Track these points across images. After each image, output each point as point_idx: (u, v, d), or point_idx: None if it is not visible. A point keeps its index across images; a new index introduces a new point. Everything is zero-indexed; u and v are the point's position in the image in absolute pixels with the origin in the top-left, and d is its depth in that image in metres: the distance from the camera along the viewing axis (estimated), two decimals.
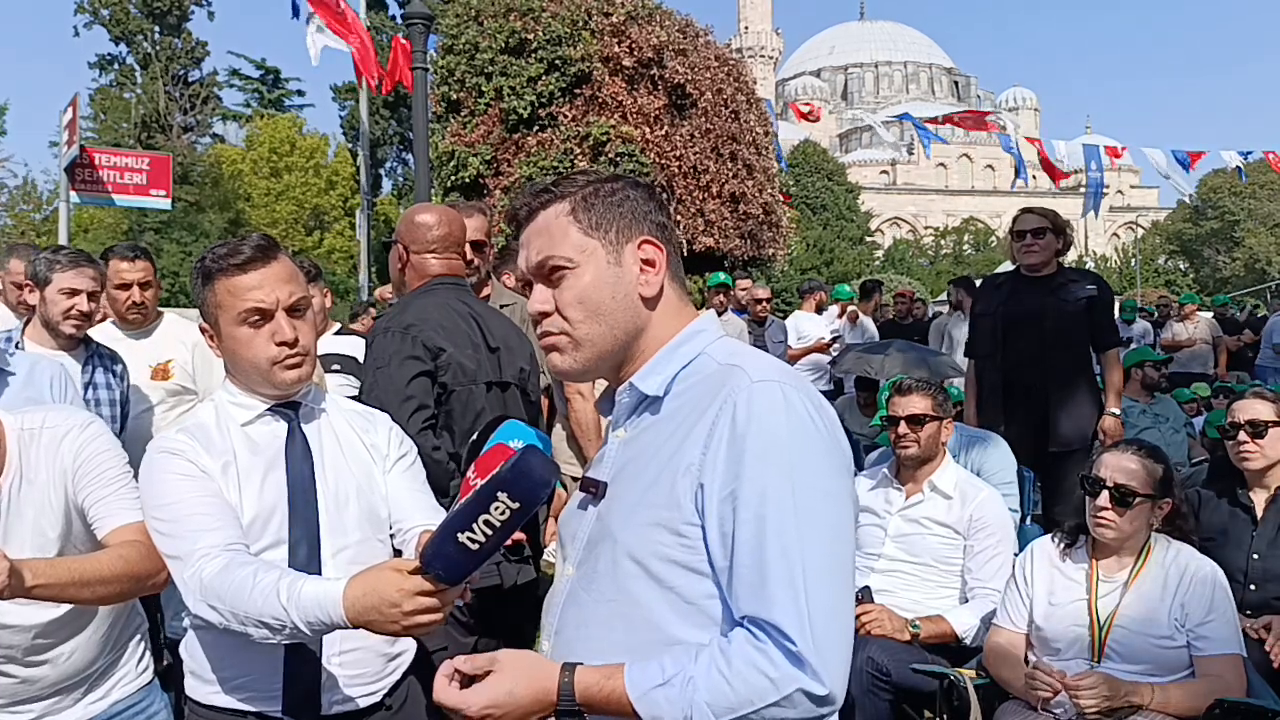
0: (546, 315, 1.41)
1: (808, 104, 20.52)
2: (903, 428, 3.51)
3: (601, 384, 1.51)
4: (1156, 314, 13.41)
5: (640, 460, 1.38)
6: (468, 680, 1.31)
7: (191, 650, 1.91)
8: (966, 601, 3.38)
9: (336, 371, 4.19)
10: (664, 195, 1.54)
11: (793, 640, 1.20)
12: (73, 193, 9.10)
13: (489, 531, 1.35)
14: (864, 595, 3.33)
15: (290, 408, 1.96)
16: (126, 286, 3.86)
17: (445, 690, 1.31)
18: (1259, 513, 3.28)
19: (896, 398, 3.59)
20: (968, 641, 3.26)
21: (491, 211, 4.56)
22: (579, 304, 1.39)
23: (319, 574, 1.81)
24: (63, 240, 9.40)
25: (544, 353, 1.46)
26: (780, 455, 1.26)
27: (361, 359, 4.29)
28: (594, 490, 1.44)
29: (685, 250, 13.01)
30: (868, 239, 50.75)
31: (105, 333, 3.92)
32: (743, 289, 8.98)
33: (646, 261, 1.41)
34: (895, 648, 3.16)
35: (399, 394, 2.65)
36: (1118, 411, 4.61)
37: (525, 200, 1.47)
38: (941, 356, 7.50)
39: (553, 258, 1.40)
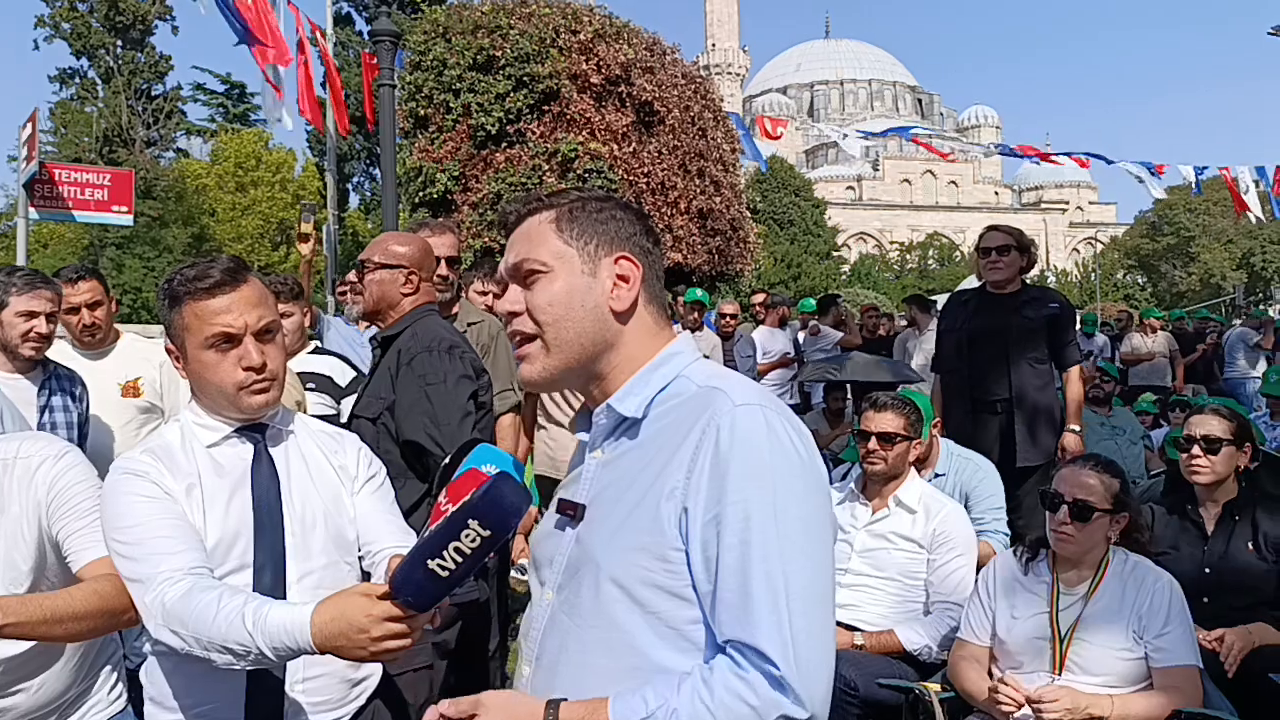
0: (516, 315, 1.43)
1: (774, 120, 20.64)
2: (873, 444, 3.53)
3: (578, 402, 1.52)
4: (1116, 328, 13.64)
5: (621, 483, 1.38)
6: None
7: (152, 677, 1.88)
8: (929, 615, 3.42)
9: (311, 390, 4.16)
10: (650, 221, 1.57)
11: (776, 665, 1.21)
12: (32, 209, 8.95)
13: (459, 559, 1.35)
14: None
15: (257, 430, 1.94)
16: (75, 310, 3.82)
17: None
18: (1209, 527, 3.35)
19: (870, 412, 3.61)
20: (921, 658, 3.30)
21: (459, 228, 4.62)
22: (548, 307, 1.40)
23: (284, 599, 1.79)
24: (20, 256, 9.22)
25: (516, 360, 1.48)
26: (764, 480, 1.27)
27: (337, 378, 4.29)
28: (571, 512, 1.43)
29: None
30: (834, 254, 51.14)
31: (61, 353, 3.87)
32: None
33: (621, 277, 1.42)
34: (863, 662, 3.20)
35: (461, 409, 2.78)
36: (1078, 428, 4.69)
37: (516, 208, 1.50)
38: (898, 362, 7.72)
39: (528, 260, 1.43)
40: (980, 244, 4.93)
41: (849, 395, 8.12)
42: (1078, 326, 10.23)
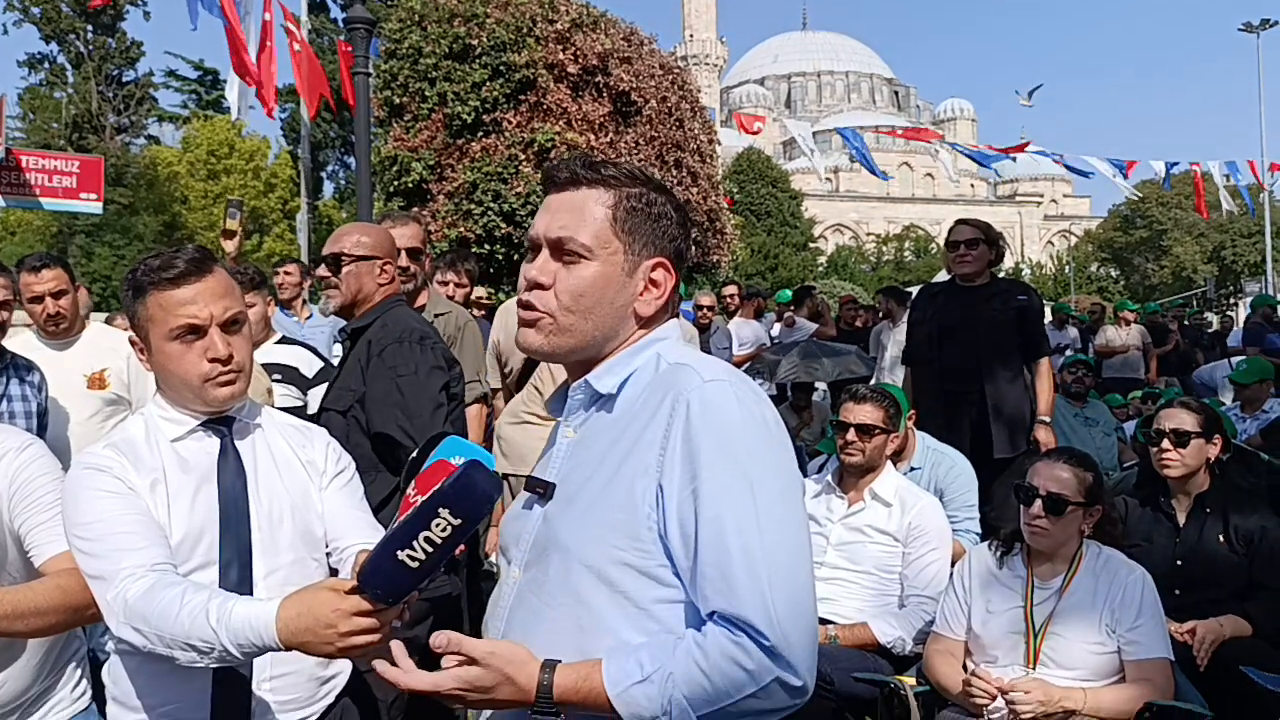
0: (540, 287, 1.40)
1: (750, 117, 20.68)
2: (851, 435, 3.53)
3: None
4: (1089, 321, 13.77)
5: (591, 462, 1.38)
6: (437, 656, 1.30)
7: (115, 676, 1.84)
8: (903, 609, 3.42)
9: (278, 381, 4.11)
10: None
11: (764, 635, 1.22)
12: None
13: (429, 549, 1.32)
14: None
15: (223, 423, 1.90)
16: (39, 299, 3.73)
17: (416, 677, 1.31)
18: (1181, 519, 3.38)
19: (850, 404, 3.60)
20: (895, 651, 3.30)
21: (435, 218, 4.59)
22: (579, 295, 1.38)
23: (250, 595, 1.75)
24: None
25: (520, 324, 1.44)
26: (736, 454, 1.28)
27: (304, 369, 4.24)
28: (541, 490, 1.42)
29: None
30: (811, 245, 51.26)
31: (25, 343, 3.79)
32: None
33: (654, 282, 1.42)
34: (838, 656, 3.19)
35: (433, 401, 2.76)
36: (1049, 420, 4.71)
37: (571, 167, 1.44)
38: (843, 356, 7.67)
39: (573, 241, 1.39)
40: (949, 238, 4.97)
41: (815, 390, 8.14)
42: (1048, 315, 10.26)
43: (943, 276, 5.55)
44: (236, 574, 1.81)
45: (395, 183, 13.59)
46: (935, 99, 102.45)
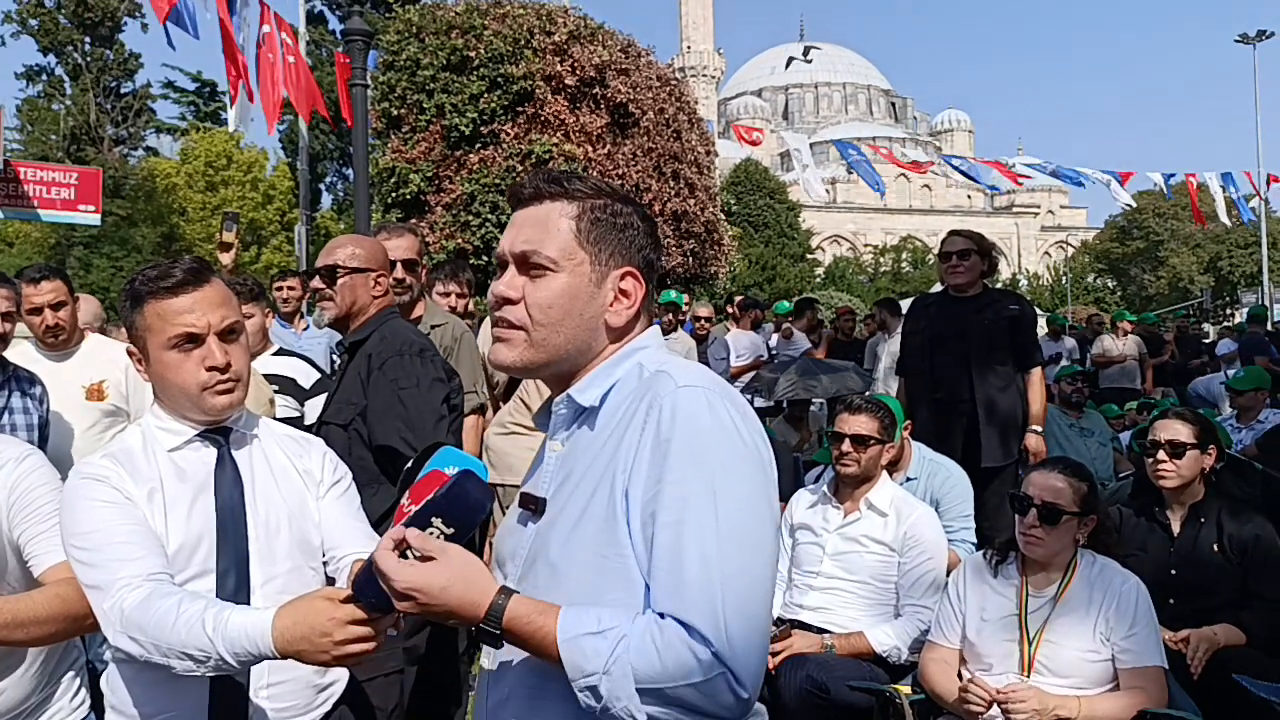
0: (510, 302, 1.41)
1: (750, 128, 20.82)
2: (846, 445, 3.54)
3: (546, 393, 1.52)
4: (1085, 331, 13.79)
5: (576, 474, 1.39)
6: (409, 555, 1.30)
7: (113, 684, 1.85)
8: (899, 618, 3.43)
9: (275, 392, 4.12)
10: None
11: (710, 641, 1.21)
12: None
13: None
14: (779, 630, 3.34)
15: (221, 433, 1.91)
16: (38, 311, 3.75)
17: (385, 554, 1.30)
18: (1175, 529, 3.39)
19: (845, 415, 3.61)
20: (891, 660, 3.31)
21: (433, 230, 4.62)
22: (546, 308, 1.39)
23: (248, 604, 1.77)
24: None
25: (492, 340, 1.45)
26: (701, 461, 1.28)
27: (300, 380, 4.25)
28: (533, 507, 1.43)
29: None
30: (809, 256, 51.33)
31: (24, 355, 3.80)
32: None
33: (623, 292, 1.42)
34: (833, 665, 3.20)
35: (435, 412, 2.80)
36: (1040, 429, 4.73)
37: (535, 183, 1.45)
38: (840, 373, 7.67)
39: (537, 254, 1.39)
40: (942, 249, 4.99)
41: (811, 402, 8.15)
42: (1043, 327, 10.29)
43: (940, 288, 5.57)
44: (233, 583, 1.82)
45: (393, 194, 13.61)
46: (932, 110, 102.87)
